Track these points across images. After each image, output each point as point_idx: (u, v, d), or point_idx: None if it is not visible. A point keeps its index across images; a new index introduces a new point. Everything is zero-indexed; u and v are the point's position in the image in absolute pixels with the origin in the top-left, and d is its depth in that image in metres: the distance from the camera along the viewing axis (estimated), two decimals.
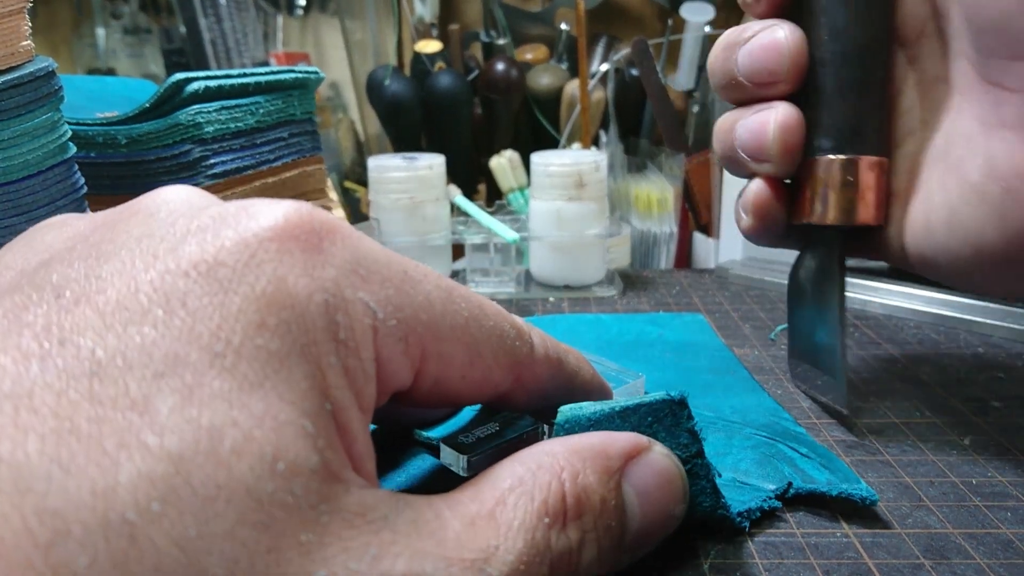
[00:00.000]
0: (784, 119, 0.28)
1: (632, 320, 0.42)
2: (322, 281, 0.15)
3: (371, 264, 0.16)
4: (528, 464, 0.17)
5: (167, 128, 0.36)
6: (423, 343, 0.17)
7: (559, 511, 0.16)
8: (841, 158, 0.28)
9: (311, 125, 0.44)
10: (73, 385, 0.12)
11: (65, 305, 0.13)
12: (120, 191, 0.38)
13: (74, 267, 0.14)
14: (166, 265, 0.14)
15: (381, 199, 0.51)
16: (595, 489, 0.17)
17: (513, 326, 0.20)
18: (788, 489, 0.24)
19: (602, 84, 0.71)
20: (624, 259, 0.59)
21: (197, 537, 0.12)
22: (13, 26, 0.27)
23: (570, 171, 0.49)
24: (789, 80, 0.28)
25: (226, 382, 0.13)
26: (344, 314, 0.15)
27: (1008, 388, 0.33)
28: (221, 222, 0.15)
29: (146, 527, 0.11)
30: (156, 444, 0.12)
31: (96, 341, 0.13)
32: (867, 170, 0.27)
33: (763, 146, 0.28)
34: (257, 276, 0.14)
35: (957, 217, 0.25)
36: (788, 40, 0.27)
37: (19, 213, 0.28)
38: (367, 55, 0.81)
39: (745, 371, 0.34)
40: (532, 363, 0.20)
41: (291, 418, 0.13)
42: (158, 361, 0.13)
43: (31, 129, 0.28)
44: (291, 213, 0.15)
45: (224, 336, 0.13)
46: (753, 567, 0.21)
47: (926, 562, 0.21)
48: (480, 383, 0.19)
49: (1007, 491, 0.25)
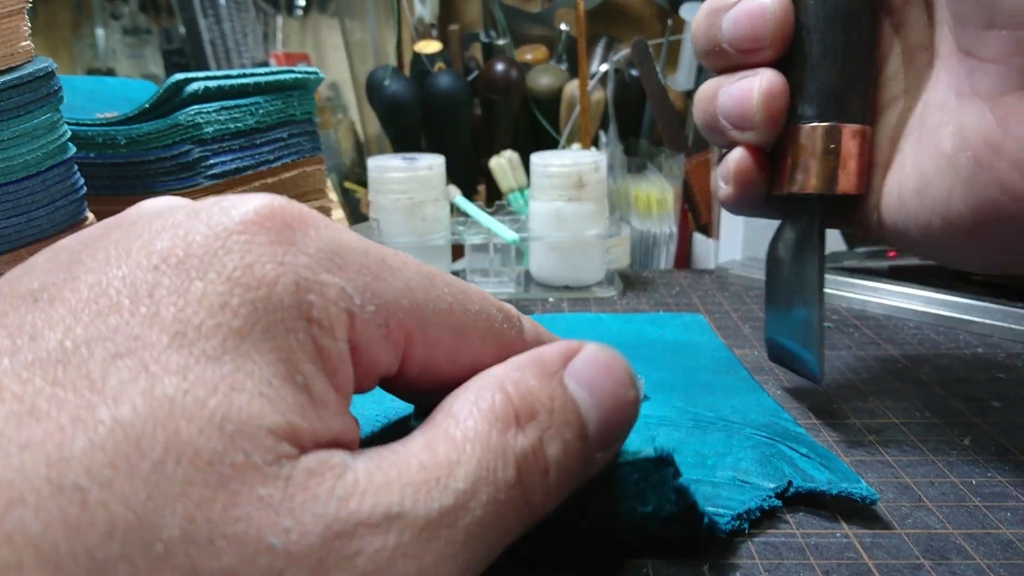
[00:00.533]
0: (769, 86, 0.27)
1: (632, 320, 0.42)
2: (293, 266, 0.15)
3: (347, 252, 0.16)
4: (470, 386, 0.18)
5: (167, 129, 0.36)
6: (406, 328, 0.17)
7: (508, 414, 0.17)
8: (824, 125, 0.27)
9: (311, 125, 0.44)
10: (39, 373, 0.13)
11: (41, 306, 0.14)
12: (120, 192, 0.38)
13: (53, 274, 0.15)
14: (137, 260, 0.15)
15: (381, 199, 0.51)
16: (539, 389, 0.18)
17: (500, 310, 0.20)
18: (788, 488, 0.24)
19: (602, 84, 0.71)
20: (624, 259, 0.59)
21: (148, 499, 0.12)
22: (12, 26, 0.27)
23: (570, 171, 0.49)
24: (774, 46, 0.27)
25: (183, 357, 0.13)
26: (317, 295, 0.15)
27: (1008, 388, 0.33)
28: (193, 217, 0.15)
29: (98, 492, 0.12)
30: (108, 416, 0.12)
31: (65, 333, 0.13)
32: (850, 138, 0.27)
33: (746, 114, 0.28)
34: (224, 264, 0.15)
35: (928, 186, 0.25)
36: (774, 4, 0.27)
37: (18, 213, 0.28)
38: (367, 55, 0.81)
39: (745, 371, 0.34)
40: (524, 345, 0.20)
41: (247, 386, 0.14)
42: (119, 344, 0.13)
43: (30, 129, 0.28)
44: (262, 205, 0.16)
45: (185, 318, 0.14)
46: (753, 567, 0.21)
47: (926, 562, 0.21)
48: (470, 367, 0.19)
49: (1007, 491, 0.25)
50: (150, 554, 0.12)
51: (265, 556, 0.13)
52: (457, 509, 0.15)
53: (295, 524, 0.13)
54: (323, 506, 0.14)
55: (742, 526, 0.23)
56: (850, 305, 0.46)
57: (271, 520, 0.13)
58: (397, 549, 0.14)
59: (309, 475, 0.14)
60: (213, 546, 0.12)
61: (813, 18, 0.27)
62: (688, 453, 0.26)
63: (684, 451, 0.26)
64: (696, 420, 0.29)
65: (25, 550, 0.11)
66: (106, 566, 0.11)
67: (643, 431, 0.28)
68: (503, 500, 0.16)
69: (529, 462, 0.16)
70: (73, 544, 0.11)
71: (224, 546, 0.12)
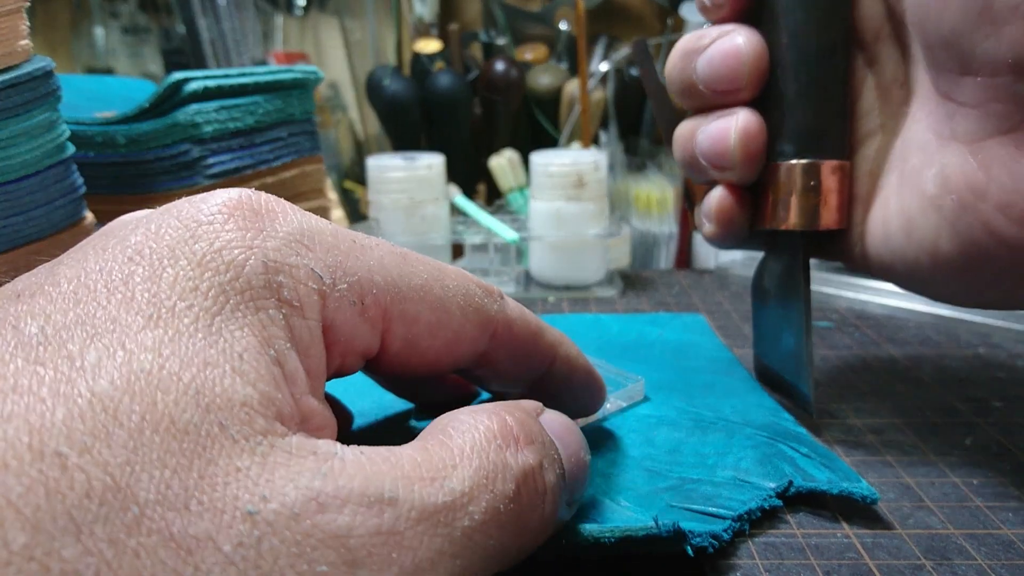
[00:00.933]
0: (745, 126, 0.27)
1: (632, 320, 0.42)
2: (262, 249, 0.16)
3: (315, 235, 0.17)
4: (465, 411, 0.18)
5: (166, 128, 0.36)
6: (382, 304, 0.18)
7: (508, 434, 0.17)
8: (803, 163, 0.27)
9: (310, 125, 0.44)
10: (21, 355, 0.13)
11: (23, 300, 0.15)
12: (119, 191, 0.38)
13: (35, 276, 0.16)
14: (113, 255, 0.15)
15: (380, 199, 0.51)
16: (533, 422, 0.18)
17: (479, 286, 0.20)
18: (789, 487, 0.24)
19: (602, 84, 0.71)
20: (624, 259, 0.59)
21: (125, 463, 0.12)
22: (11, 25, 0.27)
23: (570, 171, 0.49)
24: (749, 87, 0.27)
25: (158, 335, 0.14)
26: (287, 276, 0.16)
27: (1009, 388, 0.33)
28: (165, 213, 0.16)
29: (76, 458, 0.12)
30: (87, 389, 0.13)
31: (45, 321, 0.14)
32: (829, 174, 0.27)
33: (725, 154, 0.28)
34: (194, 251, 0.15)
35: (913, 226, 0.25)
36: (747, 46, 0.27)
37: (17, 213, 0.28)
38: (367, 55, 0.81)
39: (745, 371, 0.34)
40: (507, 321, 0.21)
41: (220, 361, 0.14)
42: (96, 327, 0.14)
43: (29, 129, 0.28)
44: (230, 197, 0.17)
45: (159, 301, 0.14)
46: (753, 567, 0.21)
47: (927, 563, 0.21)
48: (454, 341, 0.19)
49: (1008, 491, 0.25)
50: (126, 516, 0.12)
51: (242, 523, 0.13)
52: (455, 509, 0.15)
53: (274, 495, 0.13)
54: (307, 480, 0.14)
55: (743, 526, 0.23)
56: (850, 305, 0.46)
57: (248, 489, 0.13)
58: (392, 535, 0.14)
59: (290, 455, 0.14)
60: (188, 511, 0.12)
61: (787, 57, 0.27)
62: (688, 453, 0.26)
63: (684, 451, 0.26)
64: (696, 420, 0.29)
65: (7, 511, 0.11)
66: (83, 527, 0.12)
67: (643, 431, 0.28)
68: (502, 512, 0.16)
69: (529, 481, 0.17)
70: (53, 505, 0.12)
71: (199, 510, 0.12)
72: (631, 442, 0.27)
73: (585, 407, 0.25)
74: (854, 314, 0.44)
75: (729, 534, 0.22)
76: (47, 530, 0.11)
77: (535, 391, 0.24)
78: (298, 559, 0.13)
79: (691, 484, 0.24)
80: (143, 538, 0.12)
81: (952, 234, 0.24)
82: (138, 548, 0.12)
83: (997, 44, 0.21)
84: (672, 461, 0.26)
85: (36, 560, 0.11)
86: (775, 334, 0.31)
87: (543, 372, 0.23)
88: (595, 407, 0.26)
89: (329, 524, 0.13)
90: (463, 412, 0.18)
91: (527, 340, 0.22)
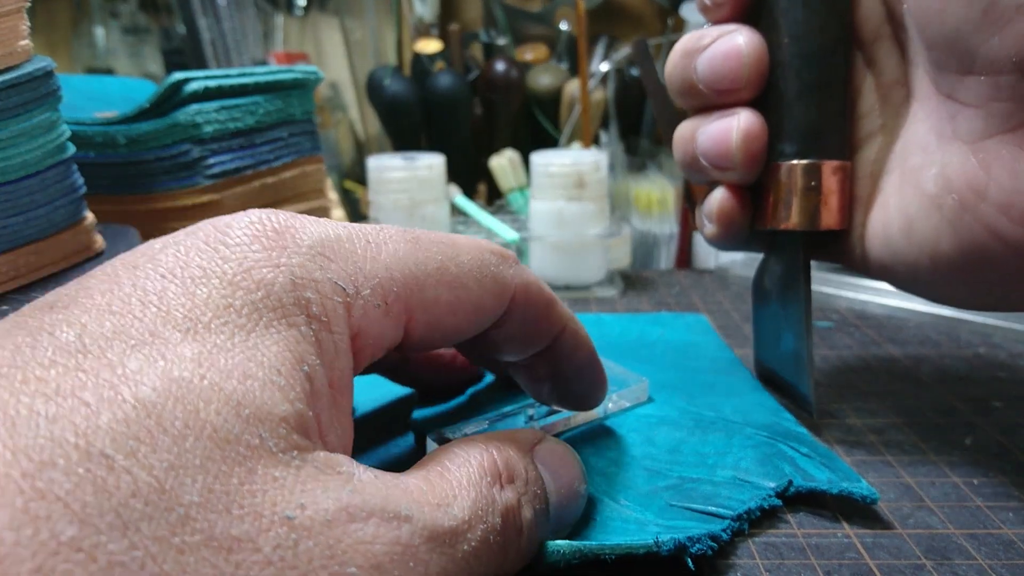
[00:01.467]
0: (747, 126, 0.27)
1: (634, 320, 0.42)
2: (287, 267, 0.16)
3: (333, 244, 0.18)
4: (458, 445, 0.19)
5: (166, 128, 0.36)
6: (404, 298, 0.18)
7: (495, 472, 0.18)
8: (804, 163, 0.27)
9: (310, 125, 0.44)
10: (61, 361, 0.14)
11: (57, 310, 0.15)
12: (119, 191, 0.38)
13: (67, 290, 0.16)
14: (145, 272, 0.16)
15: (381, 199, 0.51)
16: (518, 460, 0.19)
17: (493, 252, 0.21)
18: (789, 487, 0.24)
19: (602, 84, 0.71)
20: (624, 259, 0.59)
21: (170, 468, 0.13)
22: (11, 25, 0.27)
23: (570, 171, 0.49)
24: (750, 87, 0.27)
25: (196, 348, 0.15)
26: (314, 292, 0.16)
27: (1009, 388, 0.33)
28: (191, 235, 0.17)
29: (123, 460, 0.13)
30: (130, 395, 0.13)
31: (82, 330, 0.14)
32: (830, 174, 0.27)
33: (726, 154, 0.28)
34: (224, 271, 0.16)
35: (914, 226, 0.25)
36: (748, 46, 0.27)
37: (17, 213, 0.28)
38: (367, 55, 0.81)
39: (746, 371, 0.34)
40: (523, 284, 0.21)
41: (259, 374, 0.15)
42: (135, 337, 0.14)
43: (29, 129, 0.28)
44: (253, 220, 0.17)
45: (195, 316, 0.15)
46: (754, 567, 0.21)
47: (927, 563, 0.21)
48: (473, 313, 0.20)
49: (1009, 491, 0.25)
50: (171, 516, 0.13)
51: (281, 527, 0.14)
52: (457, 535, 0.16)
53: (310, 503, 0.14)
54: (337, 493, 0.15)
55: (742, 526, 0.23)
56: (850, 305, 0.46)
57: (286, 497, 0.14)
58: (409, 548, 0.15)
59: (319, 470, 0.15)
60: (230, 514, 0.13)
61: (787, 57, 0.27)
62: (688, 452, 0.26)
63: (684, 450, 0.26)
64: (697, 420, 0.29)
65: (55, 505, 0.12)
66: (129, 524, 0.12)
67: (643, 430, 0.28)
68: (491, 543, 0.17)
69: (509, 517, 0.18)
70: (101, 502, 0.12)
71: (240, 514, 0.13)
72: (631, 441, 0.27)
73: (587, 392, 0.25)
74: (854, 314, 0.44)
75: (728, 534, 0.22)
76: (94, 524, 0.12)
77: (541, 364, 0.24)
78: (330, 560, 0.14)
79: (691, 483, 0.24)
80: (187, 537, 0.13)
81: (952, 234, 0.23)
82: (182, 546, 0.13)
83: (1001, 43, 0.21)
84: (672, 460, 0.26)
85: (84, 551, 0.12)
86: (775, 335, 0.31)
87: (551, 341, 0.23)
88: (596, 394, 0.25)
89: (357, 532, 0.14)
90: (457, 445, 0.19)
91: (540, 305, 0.22)
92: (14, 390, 0.13)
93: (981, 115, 0.23)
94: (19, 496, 0.12)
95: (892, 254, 0.26)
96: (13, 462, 0.12)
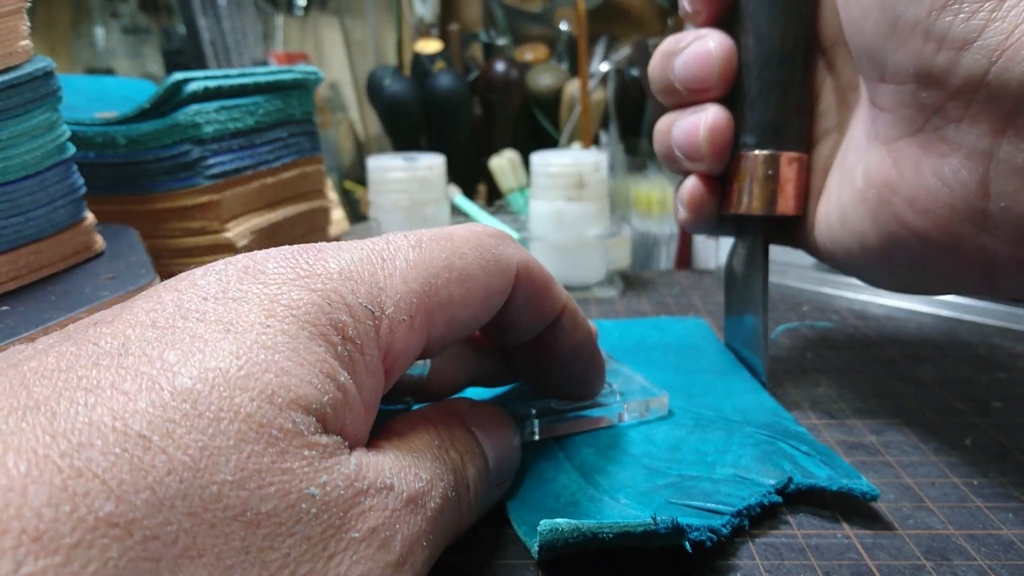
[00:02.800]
0: (713, 121, 0.30)
1: (633, 325, 0.42)
2: (324, 291, 0.17)
3: (356, 267, 0.18)
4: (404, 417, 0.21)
5: (166, 128, 0.36)
6: (424, 307, 0.19)
7: (440, 437, 0.20)
8: (764, 153, 0.30)
9: (310, 125, 0.44)
10: (103, 363, 0.14)
11: (101, 326, 0.16)
12: (119, 191, 0.38)
13: (113, 309, 0.17)
14: (187, 295, 0.17)
15: (381, 199, 0.51)
16: (455, 424, 0.21)
17: (491, 235, 0.22)
18: (788, 484, 0.24)
19: (602, 84, 0.71)
20: (624, 259, 0.59)
21: (204, 448, 0.14)
22: (11, 25, 0.27)
23: (570, 171, 0.49)
24: (719, 85, 0.30)
25: (235, 344, 0.15)
26: (348, 315, 0.17)
27: (1009, 388, 0.33)
28: (229, 264, 0.18)
29: (159, 440, 0.13)
30: (168, 383, 0.14)
31: (125, 339, 0.15)
32: (787, 165, 0.30)
33: (695, 146, 0.31)
34: (264, 293, 0.17)
35: (847, 217, 0.28)
36: (717, 50, 0.30)
37: (17, 213, 0.28)
38: (367, 55, 0.81)
39: (746, 373, 0.34)
40: (524, 260, 0.22)
41: (297, 373, 0.16)
42: (175, 340, 0.15)
43: (29, 129, 0.28)
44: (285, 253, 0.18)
45: (236, 320, 0.16)
46: (754, 567, 0.21)
47: (927, 563, 0.21)
48: (485, 299, 0.21)
49: (1008, 492, 0.25)
50: (206, 493, 0.13)
51: (304, 502, 0.15)
52: (424, 495, 0.18)
53: (329, 480, 0.15)
54: (345, 469, 0.16)
55: (742, 522, 0.23)
56: (850, 305, 0.46)
57: (312, 475, 0.15)
58: (394, 512, 0.17)
59: (332, 449, 0.16)
60: (262, 491, 0.14)
61: (752, 58, 0.30)
62: (688, 451, 0.26)
63: (684, 449, 0.26)
64: (696, 419, 0.29)
65: (92, 482, 0.12)
66: (165, 500, 0.13)
67: (643, 429, 0.28)
68: (448, 498, 0.19)
69: (458, 475, 0.20)
70: (136, 479, 0.13)
71: (272, 491, 0.14)
72: (631, 440, 0.27)
73: (586, 376, 0.26)
74: (854, 314, 0.44)
75: (728, 529, 0.22)
76: (130, 501, 0.12)
77: (542, 348, 0.25)
78: (339, 530, 0.15)
79: (690, 481, 0.24)
80: (220, 512, 0.13)
81: (873, 224, 0.27)
82: (214, 520, 0.13)
83: (903, 56, 0.23)
84: (672, 459, 0.26)
85: (120, 527, 0.12)
86: (739, 313, 0.35)
87: (552, 321, 0.24)
88: (595, 380, 0.27)
89: (362, 504, 0.16)
90: (404, 417, 0.21)
91: (541, 284, 0.23)
92: (56, 387, 0.14)
93: (893, 119, 0.25)
94: (58, 475, 0.12)
95: (832, 240, 0.29)
96: (52, 444, 0.13)
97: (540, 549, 0.20)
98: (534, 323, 0.24)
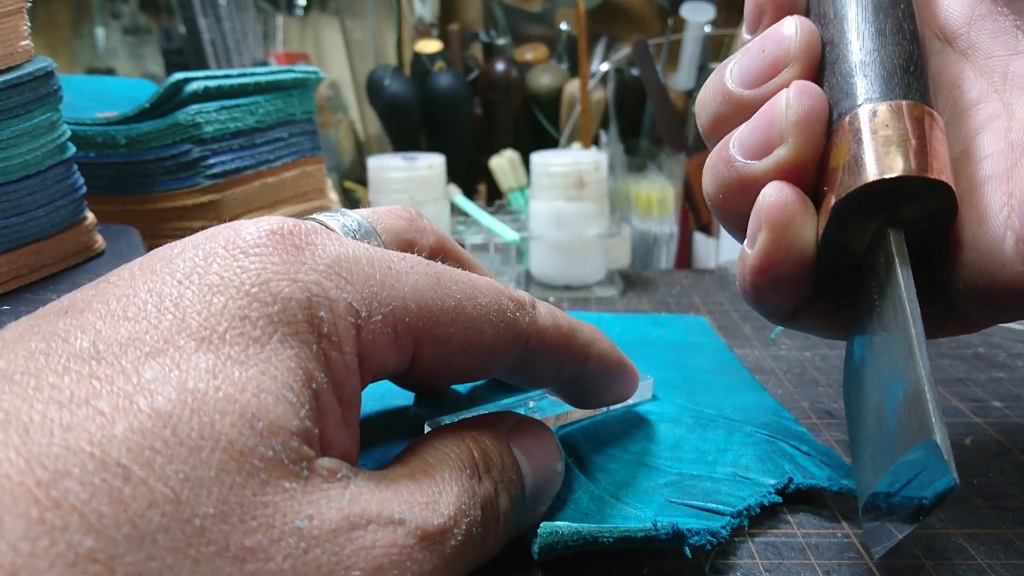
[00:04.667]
0: (800, 85, 0.22)
1: (634, 320, 0.42)
2: (304, 283, 0.16)
3: (352, 264, 0.17)
4: (436, 437, 0.20)
5: (166, 128, 0.36)
6: (415, 330, 0.18)
7: (473, 464, 0.19)
8: (871, 106, 0.21)
9: (311, 125, 0.44)
10: (75, 368, 0.14)
11: (71, 316, 0.15)
12: (119, 191, 0.38)
13: (81, 293, 0.16)
14: (162, 277, 0.16)
15: (381, 199, 0.51)
16: (493, 448, 0.20)
17: (512, 299, 0.21)
18: (788, 484, 0.24)
19: (602, 84, 0.71)
20: (624, 259, 0.59)
21: (186, 479, 0.13)
22: (12, 26, 0.27)
23: (570, 171, 0.49)
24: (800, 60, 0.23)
25: (211, 359, 0.15)
26: (327, 311, 0.16)
27: (1009, 388, 0.33)
28: (211, 239, 0.17)
29: (139, 471, 0.13)
30: (146, 404, 0.13)
31: (96, 336, 0.14)
32: (913, 117, 0.21)
33: (773, 123, 0.22)
34: (242, 280, 0.16)
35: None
36: (790, 27, 0.23)
37: (18, 213, 0.28)
38: (367, 55, 0.81)
39: (746, 371, 0.34)
40: (539, 331, 0.21)
41: (272, 388, 0.15)
42: (149, 345, 0.14)
43: (30, 129, 0.28)
44: (275, 228, 0.17)
45: (210, 326, 0.15)
46: (753, 567, 0.21)
47: (927, 562, 0.21)
48: (485, 357, 0.20)
49: (1008, 491, 0.25)
50: (188, 528, 0.13)
51: (291, 537, 0.14)
52: (446, 531, 0.17)
53: (316, 513, 0.15)
54: (338, 502, 0.15)
55: (742, 523, 0.23)
56: None
57: (295, 507, 0.14)
58: (404, 550, 0.16)
59: (323, 479, 0.15)
60: (244, 525, 0.13)
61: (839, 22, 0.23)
62: (688, 449, 0.26)
63: (684, 447, 0.26)
64: (697, 417, 0.29)
65: (71, 515, 0.12)
66: (146, 535, 0.12)
67: (643, 427, 0.28)
68: (474, 535, 0.18)
69: (488, 507, 0.18)
70: (117, 513, 0.12)
71: (254, 525, 0.14)
72: (631, 438, 0.27)
73: (619, 396, 0.26)
74: None
75: (727, 531, 0.22)
76: (111, 536, 0.12)
77: (570, 385, 0.24)
78: (336, 567, 0.14)
79: (690, 480, 0.24)
80: (203, 547, 0.13)
81: None
82: (198, 556, 0.13)
83: None
84: (672, 457, 0.26)
85: (101, 563, 0.12)
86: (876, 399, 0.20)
87: (578, 371, 0.23)
88: (628, 393, 0.26)
89: (358, 539, 0.15)
90: (435, 437, 0.19)
91: (559, 346, 0.22)
92: (27, 396, 0.13)
93: None
94: (34, 506, 0.11)
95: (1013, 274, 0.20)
96: (27, 470, 0.12)
97: (540, 551, 0.20)
98: (555, 378, 0.23)
